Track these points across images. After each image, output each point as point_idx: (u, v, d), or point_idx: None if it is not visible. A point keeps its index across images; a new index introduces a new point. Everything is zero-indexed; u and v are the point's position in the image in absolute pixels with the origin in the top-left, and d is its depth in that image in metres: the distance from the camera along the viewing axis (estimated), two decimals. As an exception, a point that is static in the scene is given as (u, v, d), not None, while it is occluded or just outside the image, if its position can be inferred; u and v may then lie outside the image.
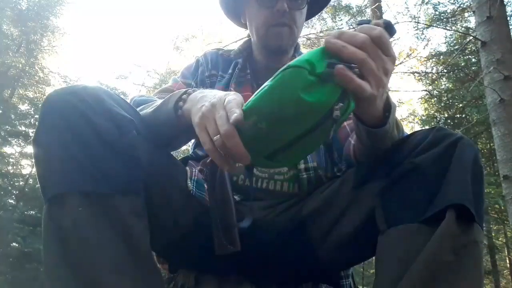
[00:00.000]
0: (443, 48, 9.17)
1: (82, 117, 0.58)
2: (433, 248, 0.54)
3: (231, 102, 0.57)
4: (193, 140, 1.00)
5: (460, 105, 8.78)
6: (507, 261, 11.61)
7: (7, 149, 10.86)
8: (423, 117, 10.04)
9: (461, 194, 0.56)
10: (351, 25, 7.54)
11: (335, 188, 0.79)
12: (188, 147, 1.06)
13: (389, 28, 0.56)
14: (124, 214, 0.57)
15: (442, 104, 9.33)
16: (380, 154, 0.69)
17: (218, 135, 0.56)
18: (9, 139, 10.30)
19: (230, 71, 1.01)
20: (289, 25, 0.94)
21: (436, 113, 9.62)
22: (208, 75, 1.01)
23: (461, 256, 0.54)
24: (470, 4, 5.74)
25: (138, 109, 0.77)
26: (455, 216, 0.55)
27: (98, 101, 0.61)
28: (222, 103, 0.58)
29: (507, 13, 4.28)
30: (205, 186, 0.82)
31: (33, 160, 0.60)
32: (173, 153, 0.89)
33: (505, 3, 3.82)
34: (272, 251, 0.79)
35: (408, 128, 11.99)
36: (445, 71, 8.65)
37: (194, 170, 0.85)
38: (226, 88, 0.97)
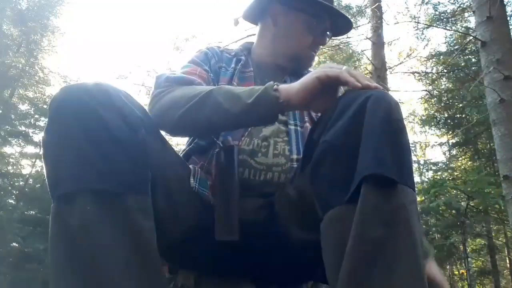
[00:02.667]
0: (443, 48, 9.18)
1: (92, 114, 0.57)
2: (358, 227, 0.51)
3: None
4: None
5: (460, 105, 8.78)
6: (507, 261, 11.61)
7: (7, 149, 10.85)
8: (423, 117, 10.04)
9: (373, 162, 0.53)
10: (351, 25, 7.51)
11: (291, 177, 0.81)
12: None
13: None
14: (133, 213, 0.57)
15: (442, 104, 9.33)
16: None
17: (344, 66, 0.66)
18: (9, 139, 10.29)
19: (233, 65, 1.02)
20: (316, 54, 1.06)
21: (436, 113, 9.62)
22: (218, 66, 1.02)
23: (392, 225, 0.51)
24: (470, 4, 5.74)
25: (185, 90, 0.80)
26: (373, 186, 0.52)
27: (109, 98, 0.60)
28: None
29: (507, 13, 4.28)
30: (208, 183, 0.82)
31: (42, 157, 0.59)
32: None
33: (505, 3, 3.82)
34: (271, 251, 0.79)
35: (408, 128, 11.99)
36: (445, 71, 8.65)
37: (197, 168, 0.85)
38: (230, 80, 0.99)
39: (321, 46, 1.09)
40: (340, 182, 0.57)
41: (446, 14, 8.00)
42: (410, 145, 0.59)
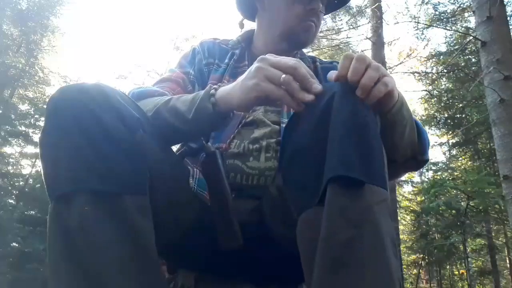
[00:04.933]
0: (443, 48, 9.19)
1: (90, 115, 0.57)
2: (325, 231, 0.50)
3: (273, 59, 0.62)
4: None
5: (460, 105, 8.79)
6: (507, 261, 11.60)
7: (7, 149, 10.85)
8: (423, 117, 10.04)
9: (338, 163, 0.52)
10: (351, 25, 7.53)
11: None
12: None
13: None
14: (131, 214, 0.57)
15: (442, 104, 9.33)
16: None
17: (284, 75, 0.59)
18: (9, 139, 10.29)
19: (226, 60, 1.01)
20: (316, 24, 0.99)
21: (436, 113, 9.63)
22: (205, 63, 1.01)
23: (359, 227, 0.49)
24: (470, 4, 5.74)
25: (143, 104, 0.77)
26: (339, 188, 0.51)
27: (106, 99, 0.60)
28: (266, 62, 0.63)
29: (507, 13, 4.28)
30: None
31: (40, 158, 0.59)
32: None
33: (505, 3, 3.82)
34: (267, 251, 0.79)
35: (408, 128, 11.94)
36: (445, 71, 8.65)
37: (195, 169, 0.84)
38: (221, 77, 0.97)
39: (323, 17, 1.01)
40: (309, 184, 0.57)
41: (446, 14, 8.00)
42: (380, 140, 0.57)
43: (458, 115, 9.28)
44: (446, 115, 9.49)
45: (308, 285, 0.55)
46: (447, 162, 11.12)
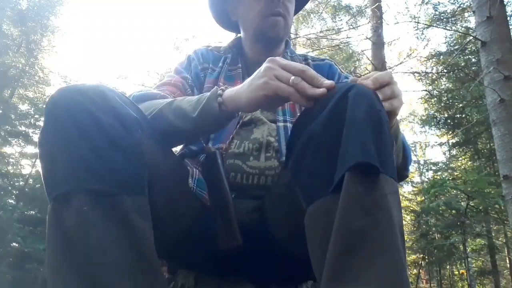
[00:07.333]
0: (443, 48, 9.18)
1: (88, 116, 0.58)
2: (340, 218, 0.51)
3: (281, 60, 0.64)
4: None
5: (460, 105, 8.78)
6: (507, 261, 11.61)
7: (7, 149, 10.86)
8: (423, 117, 10.05)
9: (358, 151, 0.52)
10: (351, 25, 7.53)
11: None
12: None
13: None
14: (130, 214, 0.57)
15: (442, 104, 9.32)
16: None
17: (293, 76, 0.61)
18: (9, 139, 10.31)
19: (220, 64, 1.03)
20: (283, 15, 0.97)
21: (436, 113, 9.63)
22: (201, 68, 1.02)
23: (374, 215, 0.50)
24: (470, 4, 5.74)
25: (145, 107, 0.77)
26: (356, 176, 0.52)
27: (104, 100, 0.60)
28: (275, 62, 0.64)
29: (507, 13, 4.28)
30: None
31: (38, 158, 0.59)
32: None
33: (505, 3, 3.82)
34: (267, 251, 0.79)
35: (408, 128, 11.98)
36: (445, 71, 8.64)
37: (195, 170, 0.85)
38: (216, 81, 0.98)
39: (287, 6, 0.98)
40: (322, 173, 0.57)
41: (446, 14, 8.00)
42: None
43: (458, 115, 9.27)
44: (446, 115, 9.49)
45: (316, 271, 0.56)
46: (447, 162, 11.13)
